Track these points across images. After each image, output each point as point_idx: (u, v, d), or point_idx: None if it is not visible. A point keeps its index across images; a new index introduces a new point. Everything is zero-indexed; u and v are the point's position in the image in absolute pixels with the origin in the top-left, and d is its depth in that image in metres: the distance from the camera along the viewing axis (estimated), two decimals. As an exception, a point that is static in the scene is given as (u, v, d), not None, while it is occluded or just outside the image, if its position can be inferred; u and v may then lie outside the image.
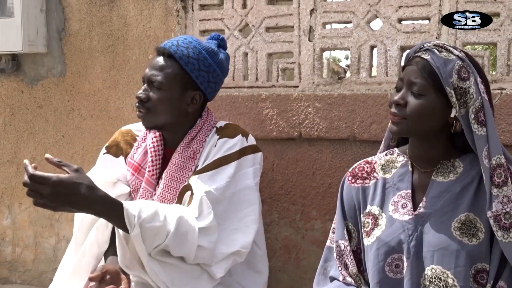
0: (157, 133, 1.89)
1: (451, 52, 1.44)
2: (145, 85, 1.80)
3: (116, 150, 1.96)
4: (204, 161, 1.81)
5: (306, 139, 2.28)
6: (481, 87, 1.44)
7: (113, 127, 2.57)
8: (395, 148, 1.66)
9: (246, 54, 2.40)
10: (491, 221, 1.39)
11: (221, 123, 1.94)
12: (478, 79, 1.43)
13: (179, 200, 1.79)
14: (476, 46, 7.24)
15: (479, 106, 1.42)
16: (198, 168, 1.80)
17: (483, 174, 1.41)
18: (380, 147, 1.71)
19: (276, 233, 2.37)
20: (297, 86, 2.32)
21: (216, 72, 1.86)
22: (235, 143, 1.82)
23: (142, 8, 2.55)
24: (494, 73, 2.08)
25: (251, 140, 1.89)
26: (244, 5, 2.39)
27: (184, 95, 1.82)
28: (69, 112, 2.73)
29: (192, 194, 1.73)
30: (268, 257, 2.35)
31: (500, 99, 1.96)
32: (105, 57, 2.64)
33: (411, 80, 1.45)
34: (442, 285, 1.40)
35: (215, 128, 1.90)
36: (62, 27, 2.72)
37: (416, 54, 1.47)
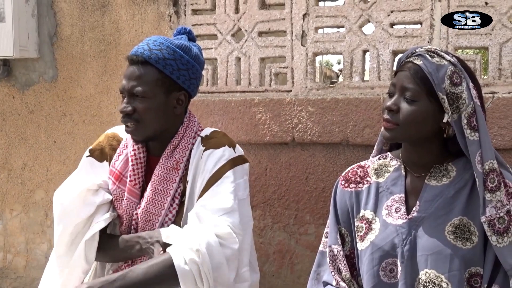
0: None
1: (443, 58, 1.44)
2: (126, 98, 1.71)
3: (100, 154, 1.87)
4: (193, 175, 1.74)
5: (299, 144, 2.28)
6: (473, 92, 1.44)
7: (106, 132, 2.57)
8: (388, 153, 1.66)
9: (238, 58, 2.40)
10: (485, 226, 1.39)
11: (207, 131, 1.83)
12: (470, 84, 1.44)
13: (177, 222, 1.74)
14: (467, 51, 7.28)
15: (472, 111, 1.42)
16: (188, 185, 1.74)
17: (476, 179, 1.41)
18: (373, 151, 1.71)
19: (270, 238, 2.36)
20: (290, 91, 2.32)
21: (195, 67, 1.77)
22: (222, 155, 1.73)
23: (134, 13, 2.54)
24: (485, 77, 2.09)
25: (239, 151, 1.80)
26: (237, 10, 2.40)
27: (169, 98, 1.74)
28: (61, 117, 2.72)
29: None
30: (262, 262, 2.35)
31: (492, 103, 1.97)
32: (97, 62, 2.63)
33: (403, 85, 1.45)
34: None
35: (200, 138, 1.80)
36: (54, 32, 2.71)
37: (408, 60, 1.47)
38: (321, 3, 2.31)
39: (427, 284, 1.41)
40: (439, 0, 2.08)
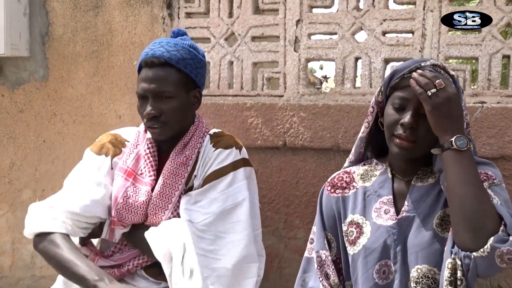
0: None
1: (446, 71, 1.49)
2: (150, 100, 1.73)
3: (100, 149, 1.88)
4: (202, 172, 1.80)
5: (291, 148, 2.30)
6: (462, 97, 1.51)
7: (96, 132, 2.55)
8: (373, 158, 1.69)
9: (231, 62, 2.42)
10: None
11: (215, 130, 1.92)
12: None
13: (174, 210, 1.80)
14: (455, 60, 7.39)
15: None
16: (196, 179, 1.80)
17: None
18: (346, 163, 1.75)
19: (259, 242, 2.37)
20: (282, 96, 2.34)
21: (205, 64, 1.88)
22: (228, 154, 1.81)
23: (127, 15, 2.54)
24: (475, 86, 2.13)
25: (244, 153, 1.87)
26: (231, 14, 2.41)
27: (189, 96, 1.82)
28: (50, 117, 2.71)
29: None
30: (251, 265, 2.34)
31: (481, 113, 2.00)
32: (89, 63, 2.62)
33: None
34: (431, 282, 1.42)
35: (208, 135, 1.88)
36: (46, 31, 2.70)
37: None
38: (314, 10, 2.34)
39: (420, 279, 1.43)
40: (431, 10, 2.12)
